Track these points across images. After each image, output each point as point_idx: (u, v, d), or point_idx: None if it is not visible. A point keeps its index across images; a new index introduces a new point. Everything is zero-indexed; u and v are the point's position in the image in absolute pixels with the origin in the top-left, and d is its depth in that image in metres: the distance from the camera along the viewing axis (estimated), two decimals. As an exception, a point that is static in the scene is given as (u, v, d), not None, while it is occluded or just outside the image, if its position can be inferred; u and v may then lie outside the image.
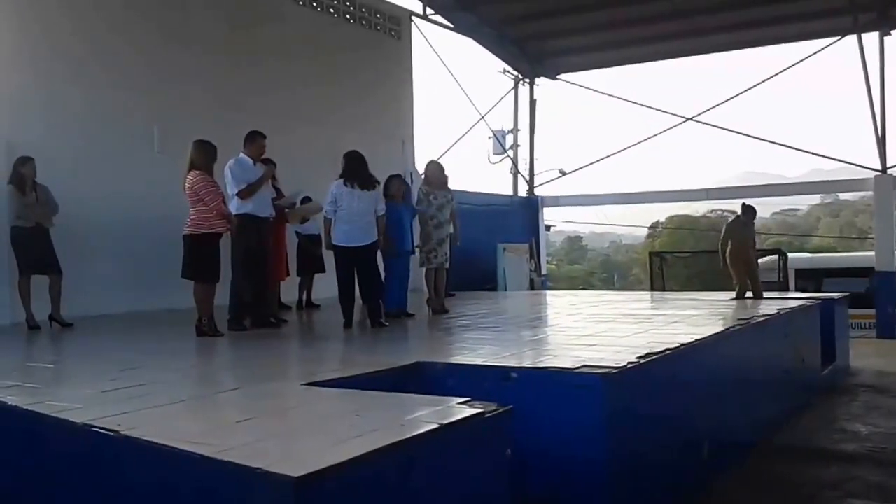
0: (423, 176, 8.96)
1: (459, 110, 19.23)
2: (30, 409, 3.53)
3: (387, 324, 7.39)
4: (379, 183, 7.63)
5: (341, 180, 7.40)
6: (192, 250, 6.56)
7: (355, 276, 7.38)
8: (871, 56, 15.28)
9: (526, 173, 19.63)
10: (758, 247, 12.23)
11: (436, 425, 2.90)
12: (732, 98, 17.25)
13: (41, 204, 7.72)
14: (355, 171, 7.44)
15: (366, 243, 7.36)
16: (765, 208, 58.12)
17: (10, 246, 7.72)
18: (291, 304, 9.88)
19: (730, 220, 11.38)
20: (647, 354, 4.68)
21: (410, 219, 8.64)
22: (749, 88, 17.24)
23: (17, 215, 7.65)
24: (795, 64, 16.32)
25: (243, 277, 7.14)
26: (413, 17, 15.48)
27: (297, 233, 10.03)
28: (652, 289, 18.03)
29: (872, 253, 16.25)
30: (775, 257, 17.76)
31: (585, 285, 41.58)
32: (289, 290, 9.72)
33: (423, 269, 8.64)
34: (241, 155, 7.36)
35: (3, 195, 7.77)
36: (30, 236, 7.64)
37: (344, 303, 7.42)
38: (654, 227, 46.80)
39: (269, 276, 7.86)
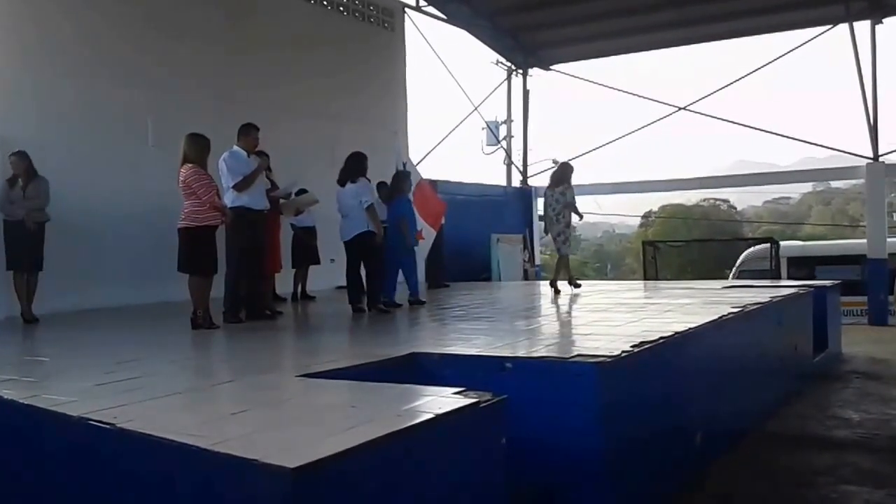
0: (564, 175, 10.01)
1: (453, 101, 19.17)
2: (26, 402, 3.53)
3: (382, 307, 7.86)
4: (358, 178, 7.87)
5: None
6: (187, 244, 6.56)
7: (359, 265, 7.94)
8: (862, 44, 15.31)
9: (519, 164, 19.64)
10: (750, 235, 12.18)
11: (431, 415, 2.92)
12: (725, 87, 17.28)
13: (28, 198, 7.67)
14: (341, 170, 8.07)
15: (346, 238, 7.88)
16: (757, 197, 58.42)
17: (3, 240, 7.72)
18: (286, 297, 9.88)
19: None
20: (642, 343, 4.71)
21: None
22: (741, 77, 17.28)
23: (1, 209, 7.65)
24: (788, 53, 16.38)
25: (238, 270, 7.13)
26: (406, 9, 15.44)
27: (291, 225, 10.03)
28: (645, 278, 18.03)
29: (864, 241, 16.32)
30: (767, 246, 17.81)
31: (579, 275, 41.60)
32: (283, 282, 9.71)
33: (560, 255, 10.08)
34: (235, 147, 7.35)
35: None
36: (15, 231, 7.60)
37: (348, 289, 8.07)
38: (646, 216, 46.87)
39: (264, 268, 7.87)
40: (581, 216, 10.09)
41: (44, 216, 7.77)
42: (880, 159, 15.38)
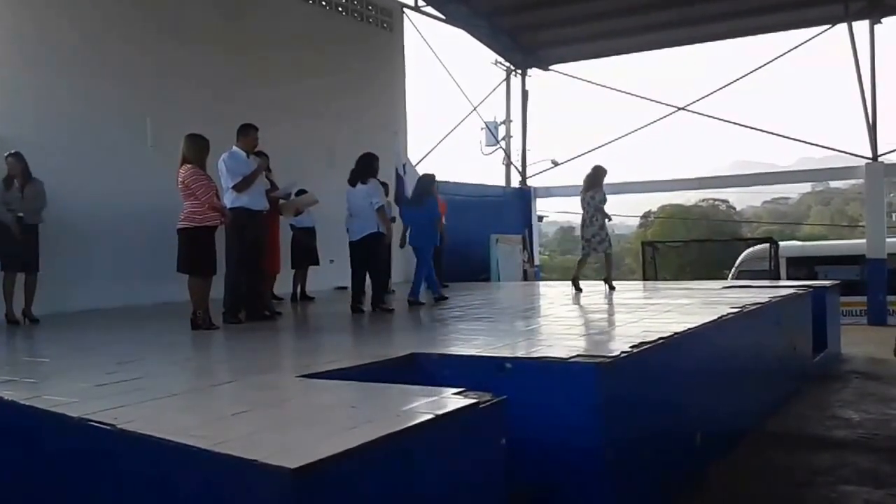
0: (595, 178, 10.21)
1: (452, 102, 19.19)
2: (26, 403, 3.53)
3: (384, 306, 7.98)
4: (368, 179, 8.02)
5: None
6: (186, 244, 6.56)
7: (361, 265, 8.13)
8: (861, 44, 15.33)
9: (518, 164, 19.64)
10: (749, 235, 12.28)
11: (431, 416, 2.92)
12: (724, 87, 17.30)
13: (26, 200, 7.66)
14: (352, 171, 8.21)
15: (354, 239, 8.03)
16: (756, 197, 58.46)
17: None
18: (283, 297, 9.86)
19: None
20: (641, 343, 4.71)
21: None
22: (740, 77, 17.31)
23: None
24: (787, 52, 16.39)
25: (238, 271, 7.13)
26: (405, 9, 15.45)
27: (291, 225, 10.02)
28: (644, 278, 18.04)
29: (863, 241, 16.33)
30: (766, 246, 17.82)
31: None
32: (282, 282, 9.70)
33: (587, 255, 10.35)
34: (234, 148, 7.34)
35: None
36: (9, 231, 7.59)
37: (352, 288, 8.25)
38: (645, 216, 46.88)
39: (264, 268, 7.87)
40: (610, 218, 10.30)
41: (39, 218, 7.76)
42: (879, 159, 15.40)
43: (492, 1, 16.55)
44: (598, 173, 10.30)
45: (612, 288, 10.29)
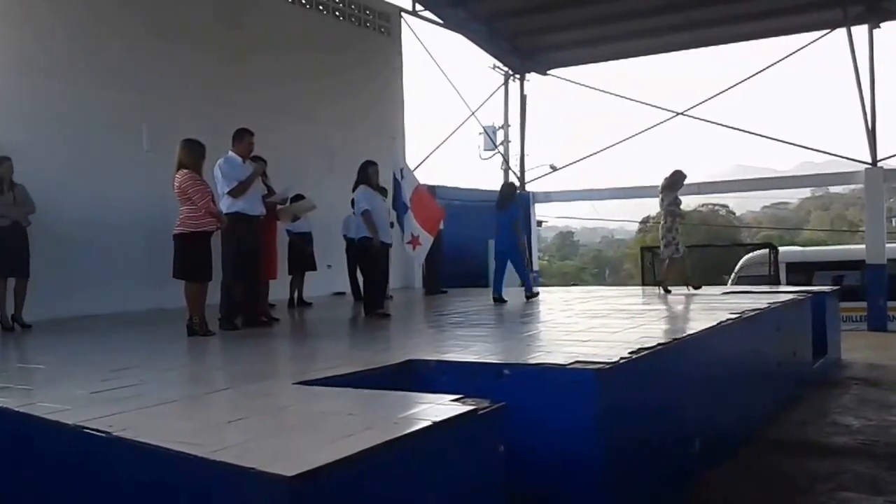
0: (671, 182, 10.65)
1: (450, 106, 19.19)
2: (20, 410, 3.51)
3: (381, 311, 8.09)
4: (359, 186, 8.39)
5: None
6: (182, 250, 6.54)
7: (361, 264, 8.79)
8: (860, 49, 15.34)
9: (517, 169, 19.64)
10: (749, 241, 12.35)
11: (429, 423, 2.90)
12: (723, 92, 17.29)
13: (18, 203, 7.64)
14: None
15: (356, 238, 8.59)
16: (755, 202, 58.52)
17: None
18: (275, 303, 9.79)
19: None
20: (640, 349, 4.68)
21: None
22: (739, 82, 17.29)
23: None
24: (786, 57, 16.38)
25: (234, 276, 7.11)
26: (402, 13, 15.46)
27: (287, 231, 9.99)
28: (643, 283, 18.01)
29: (863, 246, 16.32)
30: (766, 251, 17.82)
31: (577, 280, 41.65)
32: (278, 288, 9.65)
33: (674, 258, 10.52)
34: (230, 153, 7.31)
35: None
36: (5, 236, 7.56)
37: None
38: (645, 221, 46.89)
39: (261, 274, 7.84)
40: (681, 216, 10.81)
41: (27, 221, 7.73)
42: (878, 164, 15.39)
43: (490, 5, 16.56)
44: (674, 177, 10.62)
45: (695, 287, 10.40)
